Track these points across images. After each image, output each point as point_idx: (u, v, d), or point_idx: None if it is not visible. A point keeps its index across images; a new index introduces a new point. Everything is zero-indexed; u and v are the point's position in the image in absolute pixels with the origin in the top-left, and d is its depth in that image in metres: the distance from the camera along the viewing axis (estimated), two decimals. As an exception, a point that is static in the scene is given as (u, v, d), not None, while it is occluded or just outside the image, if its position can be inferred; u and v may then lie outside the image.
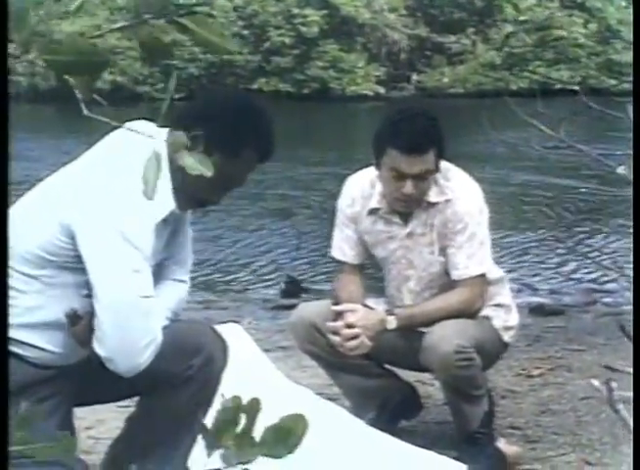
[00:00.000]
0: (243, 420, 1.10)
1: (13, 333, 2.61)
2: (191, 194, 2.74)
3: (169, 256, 2.90)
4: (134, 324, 2.62)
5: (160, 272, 2.88)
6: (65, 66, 0.87)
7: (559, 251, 7.53)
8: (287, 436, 1.09)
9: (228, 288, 7.29)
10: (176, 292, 2.90)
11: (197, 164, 1.05)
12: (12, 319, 2.61)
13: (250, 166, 2.80)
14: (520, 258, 8.03)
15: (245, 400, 1.15)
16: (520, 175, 12.78)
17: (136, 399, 2.89)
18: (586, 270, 7.74)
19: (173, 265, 2.92)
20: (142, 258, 2.60)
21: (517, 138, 3.54)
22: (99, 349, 2.62)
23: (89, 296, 2.63)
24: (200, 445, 2.88)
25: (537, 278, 7.54)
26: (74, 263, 2.62)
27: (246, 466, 1.09)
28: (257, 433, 1.12)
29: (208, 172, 1.06)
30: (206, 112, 2.73)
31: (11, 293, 2.60)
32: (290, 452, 1.09)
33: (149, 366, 2.69)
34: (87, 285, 2.62)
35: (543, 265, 7.73)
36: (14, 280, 2.62)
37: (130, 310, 2.61)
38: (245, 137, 2.74)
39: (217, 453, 1.11)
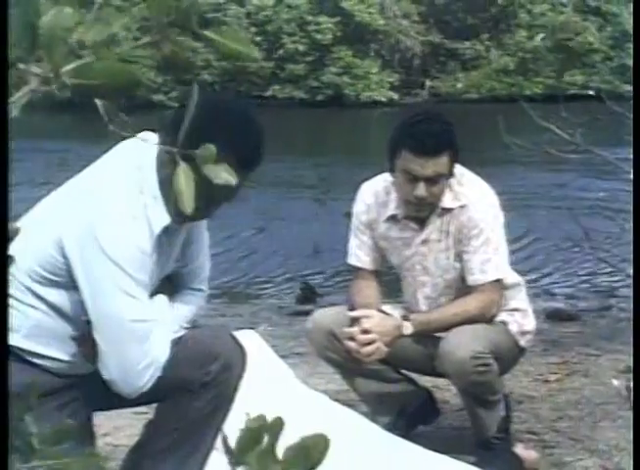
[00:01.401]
0: (266, 438, 1.11)
1: (29, 345, 2.63)
2: (178, 209, 2.67)
3: (184, 264, 2.89)
4: (128, 348, 2.60)
5: (176, 282, 2.89)
6: (96, 89, 0.88)
7: (575, 255, 7.52)
8: (307, 455, 1.09)
9: (243, 295, 7.31)
10: (192, 301, 2.90)
11: (222, 173, 1.05)
12: (28, 331, 2.63)
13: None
14: (537, 263, 8.03)
15: (266, 412, 1.15)
16: (535, 179, 12.77)
17: (154, 405, 2.90)
18: (602, 275, 7.72)
19: (189, 274, 2.92)
20: (133, 282, 2.56)
21: (532, 142, 3.53)
22: (101, 370, 2.64)
23: None
24: (219, 457, 2.90)
25: (554, 283, 7.53)
26: (73, 282, 2.61)
27: None
28: (279, 447, 1.12)
29: (232, 180, 1.06)
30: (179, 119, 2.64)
31: (23, 307, 2.62)
32: (314, 469, 1.09)
33: (167, 373, 2.70)
34: None
35: (560, 270, 7.71)
36: (26, 296, 2.63)
37: (123, 334, 2.59)
38: (216, 141, 2.59)
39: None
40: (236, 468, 1.09)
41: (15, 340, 2.61)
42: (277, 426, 1.10)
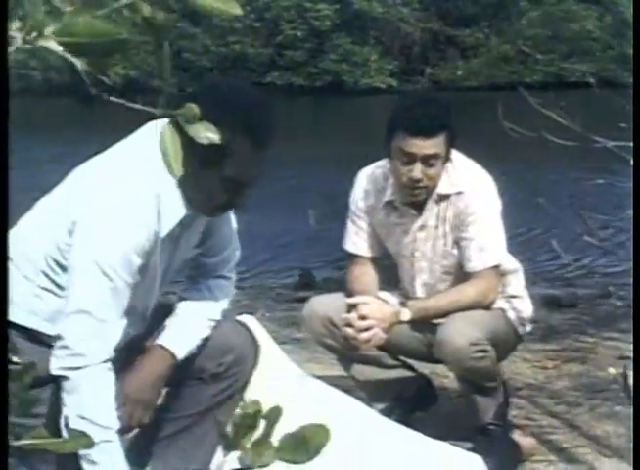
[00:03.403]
0: (262, 426, 1.10)
1: (45, 327, 2.62)
2: (202, 201, 2.63)
3: (209, 253, 2.87)
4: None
5: (200, 271, 2.87)
6: (81, 48, 0.87)
7: (574, 243, 7.51)
8: (306, 444, 1.09)
9: (242, 280, 7.31)
10: (223, 291, 2.89)
11: (205, 132, 1.03)
12: (48, 315, 2.62)
13: (246, 155, 2.57)
14: (534, 249, 8.03)
15: (263, 398, 1.15)
16: (534, 167, 12.77)
17: (164, 390, 2.88)
18: (600, 262, 7.72)
19: (216, 263, 2.89)
20: (111, 283, 2.50)
21: (531, 130, 3.53)
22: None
23: None
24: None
25: (552, 270, 7.53)
26: None
27: None
28: (277, 435, 1.12)
29: (217, 138, 1.03)
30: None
31: (40, 291, 2.62)
32: (309, 460, 1.09)
33: (183, 361, 2.71)
34: None
35: (558, 257, 7.71)
36: (43, 280, 2.62)
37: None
38: (227, 121, 2.56)
39: (235, 455, 1.11)
40: (230, 452, 1.09)
41: (35, 323, 2.61)
42: (274, 414, 1.10)
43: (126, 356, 2.64)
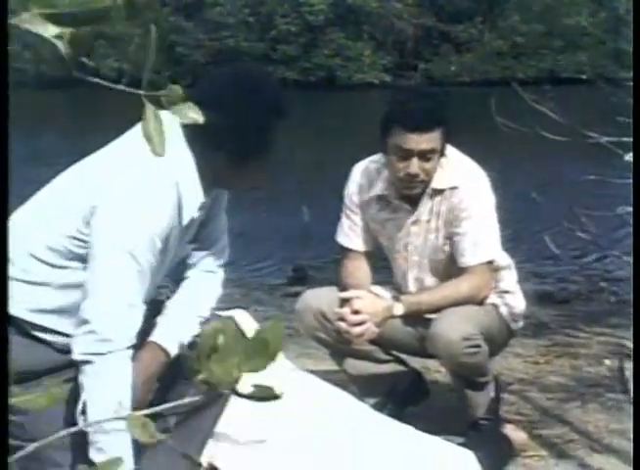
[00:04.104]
0: (221, 340, 1.10)
1: (40, 319, 2.61)
2: (231, 183, 2.68)
3: (200, 246, 2.86)
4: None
5: (189, 264, 2.86)
6: (63, 17, 0.86)
7: (566, 238, 7.53)
8: (266, 345, 1.09)
9: (234, 274, 7.30)
10: (212, 287, 2.88)
11: (189, 112, 1.03)
12: (39, 306, 2.61)
13: (264, 127, 2.65)
14: (527, 245, 8.04)
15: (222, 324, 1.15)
16: (528, 163, 12.77)
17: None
18: (593, 258, 7.73)
19: (206, 256, 2.88)
20: (138, 266, 2.50)
21: (524, 126, 3.53)
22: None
23: None
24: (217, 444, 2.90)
25: (544, 266, 7.54)
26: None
27: (231, 390, 1.09)
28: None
29: (200, 119, 1.03)
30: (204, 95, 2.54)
31: (37, 281, 2.60)
32: (272, 360, 1.08)
33: (175, 357, 2.70)
34: None
35: (550, 253, 7.72)
36: (40, 269, 2.59)
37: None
38: (246, 97, 2.61)
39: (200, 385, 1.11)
40: (196, 377, 1.08)
41: (22, 313, 2.59)
42: (230, 326, 1.10)
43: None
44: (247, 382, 1.12)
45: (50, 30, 0.87)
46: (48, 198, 2.68)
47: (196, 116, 1.02)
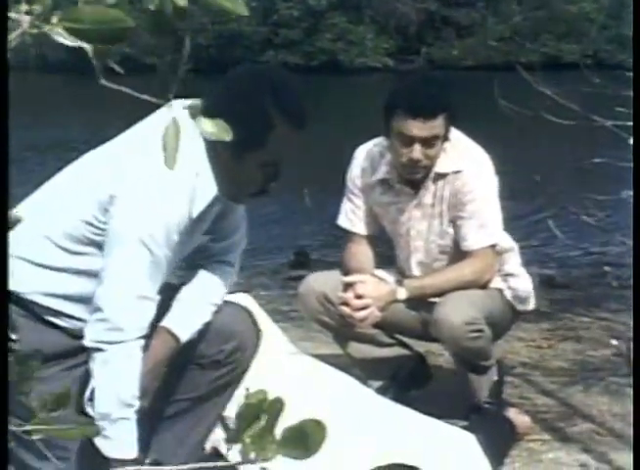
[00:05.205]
0: (264, 418, 1.09)
1: (54, 304, 2.60)
2: (238, 187, 2.64)
3: (217, 237, 2.83)
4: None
5: (205, 254, 2.83)
6: (86, 34, 0.87)
7: (569, 222, 7.52)
8: (306, 441, 1.08)
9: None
10: (226, 276, 2.85)
11: (214, 129, 1.03)
12: (53, 290, 2.60)
13: (287, 138, 2.62)
14: (529, 228, 8.03)
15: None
16: (531, 146, 12.74)
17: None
18: (596, 242, 7.72)
19: (222, 247, 2.86)
20: (152, 258, 2.49)
21: (527, 109, 3.52)
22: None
23: None
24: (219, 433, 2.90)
25: (547, 250, 7.53)
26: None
27: (264, 464, 1.09)
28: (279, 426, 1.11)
29: (227, 137, 1.03)
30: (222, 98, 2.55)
31: (52, 265, 2.59)
32: (310, 455, 1.08)
33: (186, 344, 2.69)
34: None
35: (553, 237, 7.71)
36: (56, 254, 2.58)
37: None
38: (268, 104, 2.57)
39: (237, 448, 1.10)
40: (233, 445, 1.08)
41: (35, 296, 2.59)
42: (276, 406, 1.08)
43: None
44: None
45: (75, 42, 0.88)
46: (67, 182, 2.67)
47: (223, 133, 1.02)
